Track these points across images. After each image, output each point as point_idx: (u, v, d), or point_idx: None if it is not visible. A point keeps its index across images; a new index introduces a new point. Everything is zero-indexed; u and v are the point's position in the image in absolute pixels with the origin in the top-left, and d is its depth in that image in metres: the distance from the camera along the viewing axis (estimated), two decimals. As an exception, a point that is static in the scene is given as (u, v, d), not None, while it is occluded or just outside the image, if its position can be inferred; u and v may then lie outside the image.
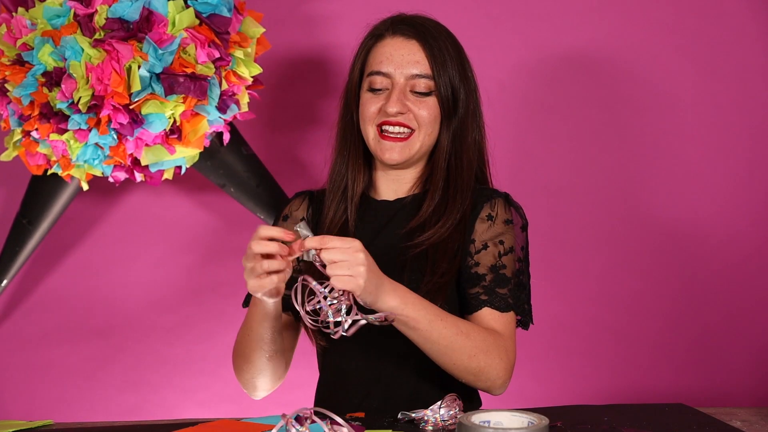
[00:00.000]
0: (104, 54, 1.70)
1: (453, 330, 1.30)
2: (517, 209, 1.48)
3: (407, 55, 1.43)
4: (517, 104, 2.21)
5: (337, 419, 1.13)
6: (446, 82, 1.43)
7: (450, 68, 1.43)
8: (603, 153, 2.21)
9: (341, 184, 1.50)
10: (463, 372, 1.33)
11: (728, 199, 2.19)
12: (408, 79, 1.42)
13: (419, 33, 1.43)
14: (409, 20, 1.47)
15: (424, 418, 1.26)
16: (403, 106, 1.42)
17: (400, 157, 1.44)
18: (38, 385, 2.24)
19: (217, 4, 1.78)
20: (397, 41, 1.44)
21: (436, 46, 1.43)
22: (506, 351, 1.37)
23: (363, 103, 1.46)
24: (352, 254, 1.18)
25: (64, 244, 2.23)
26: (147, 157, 1.82)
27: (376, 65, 1.44)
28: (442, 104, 1.43)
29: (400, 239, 1.44)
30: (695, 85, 2.19)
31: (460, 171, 1.46)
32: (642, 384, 2.20)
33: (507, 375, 1.37)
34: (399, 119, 1.42)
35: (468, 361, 1.32)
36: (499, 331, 1.38)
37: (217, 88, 1.81)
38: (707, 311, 2.20)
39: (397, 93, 1.42)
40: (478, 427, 1.05)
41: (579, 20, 2.19)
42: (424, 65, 1.42)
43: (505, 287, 1.40)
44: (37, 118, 1.78)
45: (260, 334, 1.38)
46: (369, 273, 1.19)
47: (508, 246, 1.43)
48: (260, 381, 1.46)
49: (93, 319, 2.23)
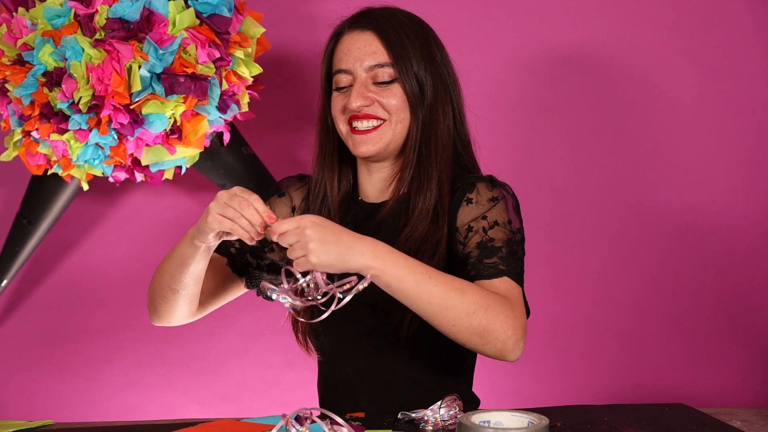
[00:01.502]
0: (105, 54, 1.70)
1: (445, 287, 1.22)
2: (504, 187, 1.42)
3: (364, 47, 1.41)
4: (517, 103, 2.21)
5: (337, 419, 1.13)
6: (407, 68, 1.39)
7: (411, 54, 1.40)
8: (603, 152, 2.21)
9: (321, 189, 1.49)
10: (465, 334, 1.23)
11: (728, 199, 2.19)
12: (368, 71, 1.40)
13: (374, 23, 1.41)
14: (366, 13, 1.44)
15: (424, 418, 1.27)
16: (366, 99, 1.39)
17: (374, 149, 1.41)
18: (38, 385, 2.24)
19: (217, 4, 1.78)
20: (353, 36, 1.42)
21: (393, 33, 1.40)
22: (512, 308, 1.26)
23: (332, 104, 1.45)
24: (301, 233, 1.18)
25: (64, 244, 2.23)
26: (147, 157, 1.82)
27: (337, 63, 1.43)
28: (406, 90, 1.40)
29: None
30: (696, 85, 2.19)
31: (432, 162, 1.41)
32: (642, 384, 2.20)
33: (518, 333, 1.25)
34: (365, 112, 1.40)
35: (468, 320, 1.22)
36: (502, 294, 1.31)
37: (218, 88, 1.81)
38: (707, 311, 2.20)
39: (358, 87, 1.40)
40: (478, 427, 1.05)
41: (580, 19, 2.19)
42: (382, 54, 1.40)
43: (493, 256, 1.33)
44: (37, 118, 1.78)
45: (181, 269, 1.36)
46: (323, 245, 1.17)
47: (493, 220, 1.36)
48: (170, 310, 1.44)
49: (93, 319, 2.23)
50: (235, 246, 1.49)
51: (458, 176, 1.44)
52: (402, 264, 1.22)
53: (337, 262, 1.19)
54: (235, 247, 1.49)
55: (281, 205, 1.53)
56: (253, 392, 2.21)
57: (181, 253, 1.36)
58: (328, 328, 1.44)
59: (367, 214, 1.47)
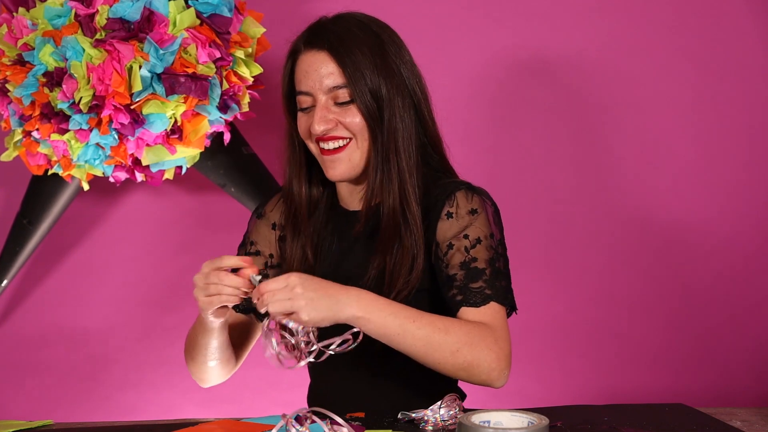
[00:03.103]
0: (105, 54, 1.70)
1: (429, 329, 1.26)
2: (482, 194, 1.41)
3: (320, 68, 1.39)
4: (516, 104, 2.21)
5: (337, 419, 1.13)
6: (362, 89, 1.38)
7: (365, 70, 1.38)
8: (603, 153, 2.21)
9: (293, 206, 1.50)
10: (451, 369, 1.29)
11: (728, 199, 2.19)
12: (327, 93, 1.39)
13: (328, 43, 1.39)
14: (320, 29, 1.43)
15: (424, 419, 1.27)
16: (329, 122, 1.39)
17: (345, 173, 1.41)
18: (38, 385, 2.24)
19: (217, 4, 1.78)
20: (309, 56, 1.41)
21: (346, 53, 1.38)
22: (495, 340, 1.30)
23: (298, 123, 1.45)
24: (290, 292, 1.21)
25: (64, 244, 2.23)
26: (148, 157, 1.82)
27: (297, 84, 1.42)
28: (363, 112, 1.38)
29: (365, 253, 1.43)
30: (695, 85, 2.19)
31: (392, 173, 1.40)
32: (642, 384, 2.20)
33: (501, 364, 1.29)
34: (330, 134, 1.40)
35: (453, 358, 1.27)
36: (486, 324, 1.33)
37: (218, 88, 1.81)
38: (707, 311, 2.20)
39: (320, 111, 1.39)
40: (478, 427, 1.05)
41: (578, 20, 2.19)
42: (338, 75, 1.38)
43: (478, 280, 1.35)
44: (38, 118, 1.78)
45: (204, 344, 1.42)
46: (313, 302, 1.21)
47: (475, 237, 1.36)
48: (206, 377, 1.50)
49: (93, 319, 2.23)
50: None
51: (431, 180, 1.44)
52: (387, 311, 1.26)
53: (327, 316, 1.22)
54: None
55: (262, 225, 1.55)
56: (253, 392, 2.21)
57: (200, 334, 1.42)
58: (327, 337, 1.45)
59: (347, 223, 1.48)
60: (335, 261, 1.46)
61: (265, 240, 1.54)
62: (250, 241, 1.55)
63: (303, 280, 1.22)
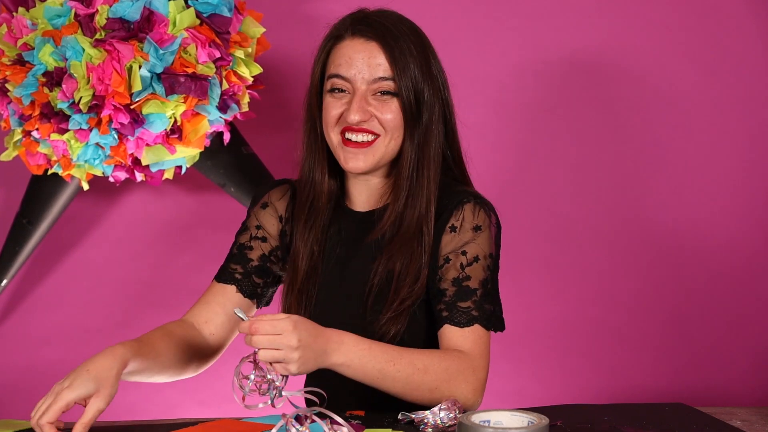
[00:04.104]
0: (105, 54, 1.70)
1: (408, 370, 1.27)
2: (487, 209, 1.40)
3: (367, 58, 1.36)
4: (518, 104, 2.21)
5: (337, 419, 1.13)
6: (408, 85, 1.36)
7: (413, 69, 1.37)
8: (604, 153, 2.21)
9: (310, 194, 1.46)
10: (429, 404, 1.29)
11: (728, 199, 2.19)
12: (370, 83, 1.36)
13: (379, 33, 1.37)
14: (368, 19, 1.40)
15: (424, 420, 1.26)
16: (365, 113, 1.35)
17: (365, 166, 1.37)
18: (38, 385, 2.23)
19: (217, 4, 1.78)
20: (356, 43, 1.38)
21: (397, 47, 1.36)
22: (473, 371, 1.31)
23: (325, 107, 1.40)
24: (286, 343, 1.16)
25: (64, 244, 2.23)
26: (148, 157, 1.82)
27: (335, 68, 1.38)
28: (404, 108, 1.37)
29: (372, 257, 1.40)
30: (696, 86, 2.19)
31: (424, 178, 1.39)
32: (642, 384, 2.20)
33: (476, 395, 1.32)
34: (362, 126, 1.36)
35: (430, 395, 1.28)
36: (465, 349, 1.33)
37: (218, 88, 1.81)
38: (707, 311, 2.20)
39: (359, 100, 1.36)
40: (478, 426, 1.05)
41: (580, 21, 2.19)
42: (385, 68, 1.36)
43: (468, 300, 1.34)
44: (37, 118, 1.78)
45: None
46: (304, 355, 1.17)
47: (473, 255, 1.35)
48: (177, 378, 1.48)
49: (93, 319, 2.23)
50: (239, 271, 1.48)
51: (446, 188, 1.42)
52: (367, 357, 1.25)
53: (312, 367, 1.21)
54: (239, 272, 1.48)
55: (267, 216, 1.50)
56: (253, 392, 2.20)
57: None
58: None
59: (355, 225, 1.45)
60: (340, 263, 1.44)
61: (273, 229, 1.50)
62: (257, 225, 1.50)
63: (299, 332, 1.17)
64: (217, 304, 1.48)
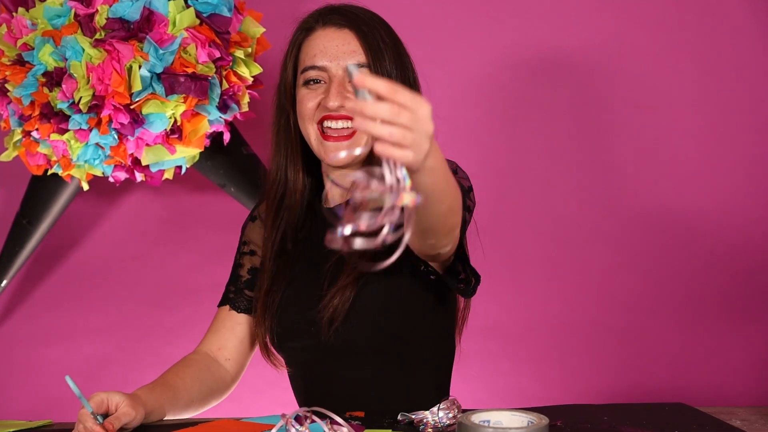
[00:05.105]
0: (105, 54, 1.70)
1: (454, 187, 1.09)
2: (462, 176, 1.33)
3: (342, 45, 1.35)
4: (515, 103, 2.21)
5: (337, 419, 1.13)
6: (383, 70, 1.34)
7: (386, 57, 1.35)
8: (604, 152, 2.21)
9: (279, 192, 1.43)
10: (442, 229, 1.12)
11: (728, 198, 2.19)
12: (345, 70, 1.34)
13: (351, 21, 1.36)
14: (339, 9, 1.39)
15: (424, 420, 1.26)
16: (345, 98, 1.32)
17: (348, 158, 1.33)
18: (38, 385, 2.24)
19: (217, 4, 1.78)
20: (329, 32, 1.36)
21: (371, 34, 1.35)
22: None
23: (300, 100, 1.38)
24: (419, 123, 0.88)
25: (64, 244, 2.23)
26: (147, 157, 1.82)
27: (309, 60, 1.36)
28: None
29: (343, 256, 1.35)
30: (695, 84, 2.19)
31: None
32: (642, 384, 2.20)
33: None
34: (341, 112, 1.33)
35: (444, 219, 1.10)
36: None
37: (218, 88, 1.81)
38: (707, 311, 2.20)
39: (336, 86, 1.33)
40: (478, 426, 1.05)
41: (577, 18, 2.19)
42: (360, 54, 1.35)
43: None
44: (37, 118, 1.78)
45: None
46: (433, 144, 0.93)
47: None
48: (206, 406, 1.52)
49: (93, 319, 2.23)
50: (231, 290, 1.50)
51: None
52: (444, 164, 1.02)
53: (420, 162, 0.92)
54: (232, 291, 1.50)
55: (256, 229, 1.53)
56: (253, 392, 2.20)
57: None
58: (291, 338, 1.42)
59: (327, 220, 1.39)
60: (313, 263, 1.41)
61: (260, 240, 1.51)
62: (244, 241, 1.54)
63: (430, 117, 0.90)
64: (226, 329, 1.49)
